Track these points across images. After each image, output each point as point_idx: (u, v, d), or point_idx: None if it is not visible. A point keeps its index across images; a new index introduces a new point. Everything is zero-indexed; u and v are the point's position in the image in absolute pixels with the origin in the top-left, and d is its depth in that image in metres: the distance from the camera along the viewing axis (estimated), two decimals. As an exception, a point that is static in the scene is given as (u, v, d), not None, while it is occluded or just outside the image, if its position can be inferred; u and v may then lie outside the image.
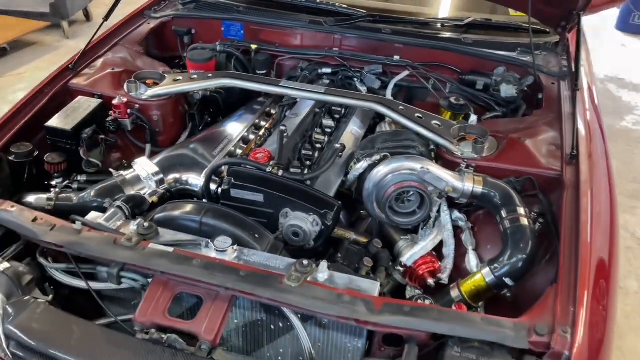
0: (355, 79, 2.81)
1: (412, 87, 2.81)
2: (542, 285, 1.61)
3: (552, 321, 1.40)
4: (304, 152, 2.26)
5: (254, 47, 2.88)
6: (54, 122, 2.28)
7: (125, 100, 2.40)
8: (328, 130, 2.47)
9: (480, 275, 1.79)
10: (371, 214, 2.11)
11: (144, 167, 2.14)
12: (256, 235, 1.82)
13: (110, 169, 2.20)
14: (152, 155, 2.46)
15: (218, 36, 3.00)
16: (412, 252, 1.98)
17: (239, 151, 2.34)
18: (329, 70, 2.85)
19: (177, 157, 2.28)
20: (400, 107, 2.23)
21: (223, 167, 2.10)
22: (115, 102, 2.39)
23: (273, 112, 2.64)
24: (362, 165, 2.11)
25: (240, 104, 2.76)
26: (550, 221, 1.86)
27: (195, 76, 2.47)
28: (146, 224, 1.74)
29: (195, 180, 2.19)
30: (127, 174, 2.14)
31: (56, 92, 2.45)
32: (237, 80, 2.37)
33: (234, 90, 2.66)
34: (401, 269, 1.97)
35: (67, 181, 2.21)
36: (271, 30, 2.92)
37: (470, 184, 1.96)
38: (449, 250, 2.01)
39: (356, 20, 2.83)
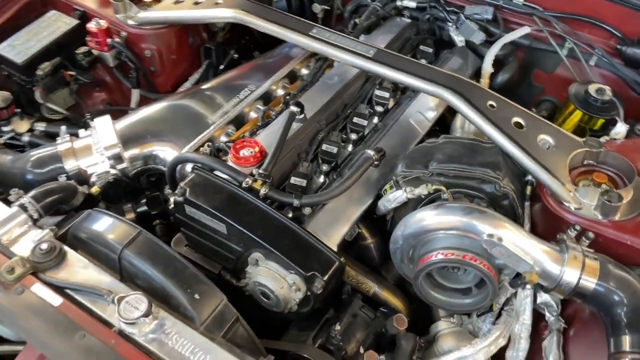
0: (450, 24, 1.85)
1: (535, 49, 1.80)
2: None
3: None
4: (325, 146, 1.45)
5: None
6: (5, 47, 1.69)
7: (105, 25, 1.73)
8: (380, 108, 1.60)
9: None
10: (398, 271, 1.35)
11: (100, 133, 1.52)
12: (196, 296, 1.16)
13: (63, 127, 1.61)
14: (145, 103, 1.82)
15: None
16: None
17: (229, 130, 1.59)
18: (412, 4, 1.90)
19: (154, 119, 1.61)
20: (490, 104, 1.33)
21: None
22: (90, 26, 1.72)
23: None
24: (399, 196, 1.30)
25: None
26: None
27: (202, 0, 1.70)
28: (44, 246, 1.20)
29: (170, 155, 1.52)
30: (78, 141, 1.54)
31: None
32: (250, 17, 1.58)
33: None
34: None
35: (13, 132, 1.67)
36: None
37: (575, 272, 1.11)
38: (517, 357, 1.22)
39: None
